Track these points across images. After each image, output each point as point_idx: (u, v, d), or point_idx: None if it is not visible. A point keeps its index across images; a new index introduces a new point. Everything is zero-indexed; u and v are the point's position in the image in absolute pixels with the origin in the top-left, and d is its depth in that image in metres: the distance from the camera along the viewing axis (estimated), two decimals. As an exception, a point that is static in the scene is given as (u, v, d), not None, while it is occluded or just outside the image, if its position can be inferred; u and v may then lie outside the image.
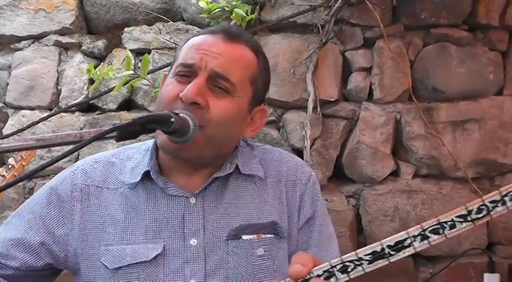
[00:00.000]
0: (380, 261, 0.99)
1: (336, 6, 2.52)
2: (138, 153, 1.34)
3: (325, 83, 2.57)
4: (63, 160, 1.48)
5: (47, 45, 2.84)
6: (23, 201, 1.49)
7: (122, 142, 1.19)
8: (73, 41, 2.81)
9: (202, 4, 2.48)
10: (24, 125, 2.75)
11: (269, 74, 1.37)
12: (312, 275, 1.00)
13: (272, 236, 1.27)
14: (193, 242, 1.24)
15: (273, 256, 1.26)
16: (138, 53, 2.77)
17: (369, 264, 1.00)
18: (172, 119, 1.12)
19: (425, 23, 2.57)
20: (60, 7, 2.82)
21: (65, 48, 2.83)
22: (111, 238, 1.26)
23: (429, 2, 2.55)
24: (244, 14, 2.42)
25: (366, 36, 2.57)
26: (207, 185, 1.27)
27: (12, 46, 2.87)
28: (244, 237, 1.25)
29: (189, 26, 2.73)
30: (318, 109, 2.52)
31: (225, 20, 2.51)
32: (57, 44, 2.82)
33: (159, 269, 1.23)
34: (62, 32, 2.81)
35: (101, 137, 1.03)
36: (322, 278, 1.01)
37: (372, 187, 2.53)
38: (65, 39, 2.81)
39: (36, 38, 2.85)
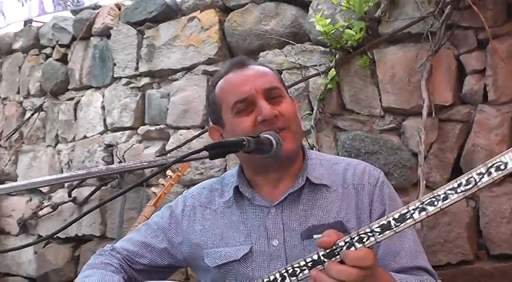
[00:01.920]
0: (387, 232, 1.14)
1: (445, 13, 2.58)
2: (233, 177, 1.62)
3: (440, 88, 2.62)
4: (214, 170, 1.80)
5: (196, 74, 3.32)
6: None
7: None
8: (218, 68, 3.21)
9: (318, 28, 2.74)
10: (182, 142, 3.27)
11: (278, 73, 1.61)
12: (336, 246, 1.18)
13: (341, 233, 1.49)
14: (275, 242, 1.48)
15: None
16: (273, 73, 3.11)
17: (379, 234, 1.15)
18: (244, 142, 1.35)
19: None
20: (206, 41, 3.29)
21: (211, 75, 3.27)
22: (210, 243, 1.56)
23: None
24: (354, 33, 2.63)
25: (480, 38, 2.56)
26: (285, 198, 1.50)
27: (169, 78, 3.44)
28: (315, 236, 1.46)
29: (314, 46, 2.99)
30: (433, 114, 2.58)
31: (341, 39, 2.74)
32: (205, 72, 3.29)
33: (248, 266, 1.49)
34: (208, 62, 3.28)
35: (182, 160, 1.32)
36: (345, 247, 1.18)
37: (489, 189, 2.51)
38: (211, 68, 3.28)
39: (188, 69, 3.36)
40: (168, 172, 2.87)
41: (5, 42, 4.42)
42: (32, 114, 4.03)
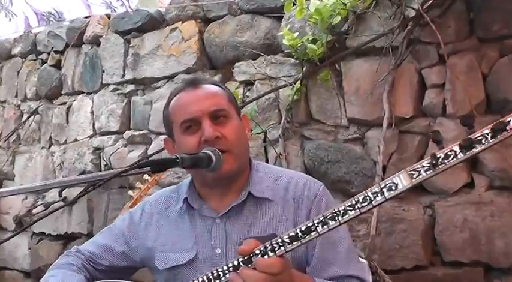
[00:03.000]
0: (295, 242, 1.28)
1: (407, 28, 2.69)
2: (187, 188, 1.75)
3: (401, 101, 2.73)
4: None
5: (177, 83, 3.47)
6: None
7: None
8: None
9: (285, 41, 2.88)
10: (161, 147, 3.43)
11: (230, 91, 1.72)
12: (253, 254, 1.33)
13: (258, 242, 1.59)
14: (217, 250, 1.61)
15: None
16: (247, 83, 3.26)
17: (288, 244, 1.28)
18: (177, 160, 1.44)
19: (498, 34, 2.58)
20: (185, 51, 3.44)
21: (190, 84, 3.44)
22: (161, 248, 1.70)
23: (500, 13, 2.55)
24: (316, 48, 2.77)
25: (441, 53, 2.64)
26: (228, 210, 1.62)
27: (152, 85, 3.60)
28: None
29: (285, 58, 3.11)
30: (393, 125, 2.70)
31: (305, 52, 2.87)
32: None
33: (193, 270, 1.63)
34: (188, 71, 3.42)
35: (124, 173, 1.46)
36: (259, 255, 1.33)
37: (444, 198, 2.63)
38: (189, 76, 3.43)
39: (169, 77, 3.51)
40: (146, 176, 3.03)
41: (5, 48, 4.62)
42: (28, 117, 4.22)
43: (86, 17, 4.04)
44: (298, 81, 2.95)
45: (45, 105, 4.21)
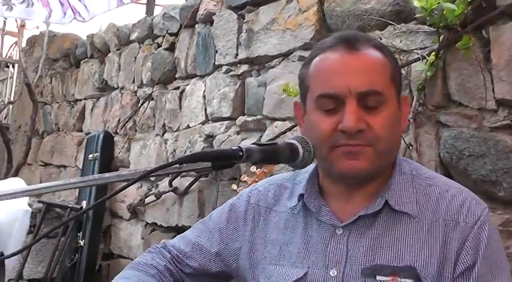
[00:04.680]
0: None
1: None
2: (307, 175, 1.38)
3: None
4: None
5: (293, 61, 3.09)
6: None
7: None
8: (315, 54, 2.99)
9: (417, 3, 2.33)
10: (276, 135, 3.06)
11: (397, 60, 1.32)
12: None
13: (411, 281, 1.18)
14: (332, 272, 1.24)
15: None
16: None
17: None
18: (241, 153, 1.13)
19: None
20: (303, 24, 3.03)
21: (308, 62, 3.03)
22: (269, 258, 1.35)
23: None
24: (456, 8, 2.17)
25: None
26: (355, 219, 1.25)
27: (267, 65, 3.24)
28: (379, 278, 1.20)
29: (418, 26, 2.58)
30: None
31: (443, 15, 2.30)
32: (301, 59, 3.03)
33: None
34: (305, 47, 3.02)
35: (162, 168, 1.11)
36: None
37: None
38: (307, 54, 3.01)
39: (285, 55, 3.13)
40: (253, 168, 2.69)
41: (124, 34, 4.56)
42: (142, 103, 4.10)
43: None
44: (433, 54, 2.38)
45: (160, 91, 4.05)
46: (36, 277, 4.20)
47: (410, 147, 2.43)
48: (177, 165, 1.11)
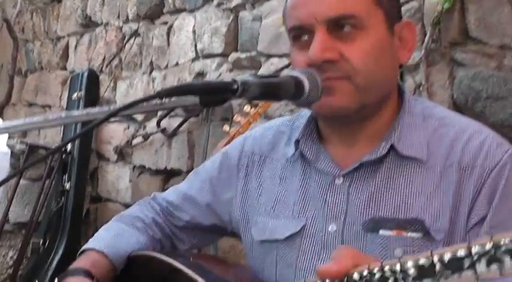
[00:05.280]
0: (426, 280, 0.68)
1: None
2: (304, 122, 1.25)
3: None
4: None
5: (291, -8, 2.86)
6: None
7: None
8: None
9: None
10: (272, 72, 2.87)
11: None
12: (347, 278, 0.76)
13: (418, 235, 1.05)
14: (331, 227, 1.14)
15: None
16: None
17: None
18: (235, 86, 0.99)
19: None
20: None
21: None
22: (262, 209, 1.25)
23: None
24: None
25: None
26: (356, 167, 1.13)
27: (262, -3, 3.00)
28: (382, 232, 1.08)
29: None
30: None
31: None
32: (300, -11, 2.81)
33: (294, 250, 1.17)
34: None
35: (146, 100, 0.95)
36: None
37: None
38: (307, -16, 2.78)
39: (282, -15, 2.90)
40: (246, 108, 2.51)
41: (108, -37, 4.25)
42: (128, 40, 3.87)
43: None
44: (451, -20, 2.17)
45: (146, 27, 3.80)
46: (22, 220, 4.09)
47: (421, 88, 2.25)
48: (158, 101, 0.94)
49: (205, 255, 1.42)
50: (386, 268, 0.73)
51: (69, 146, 3.97)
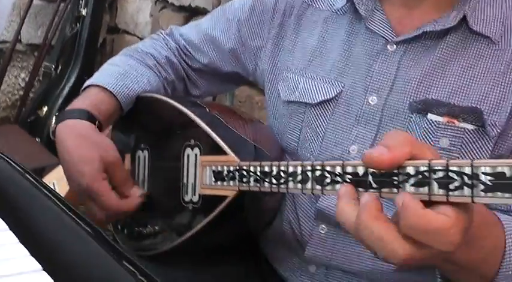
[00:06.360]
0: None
1: None
2: None
3: None
4: None
5: None
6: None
7: None
8: None
9: None
10: None
11: None
12: (399, 170, 0.57)
13: (471, 127, 0.88)
14: (372, 99, 0.97)
15: (462, 155, 0.89)
16: None
17: (485, 191, 0.51)
18: None
19: None
20: None
21: None
22: (294, 65, 1.08)
23: None
24: None
25: None
26: (416, 35, 0.95)
27: None
28: (431, 116, 0.90)
29: None
30: None
31: None
32: None
33: (324, 118, 1.01)
34: None
35: None
36: (411, 181, 0.58)
37: None
38: None
39: None
40: None
41: None
42: None
43: None
44: None
45: None
46: (35, 42, 3.92)
47: None
48: None
49: (222, 107, 1.23)
50: (454, 168, 0.53)
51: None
